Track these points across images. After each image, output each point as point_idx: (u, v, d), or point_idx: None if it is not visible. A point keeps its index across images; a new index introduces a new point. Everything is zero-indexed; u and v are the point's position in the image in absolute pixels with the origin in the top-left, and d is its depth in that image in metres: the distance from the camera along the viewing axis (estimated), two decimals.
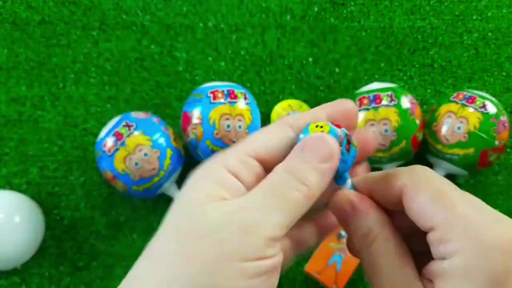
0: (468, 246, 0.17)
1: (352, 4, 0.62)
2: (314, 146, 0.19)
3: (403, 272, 0.19)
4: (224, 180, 0.19)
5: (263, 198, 0.18)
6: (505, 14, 0.62)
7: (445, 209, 0.18)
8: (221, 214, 0.18)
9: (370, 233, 0.20)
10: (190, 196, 0.19)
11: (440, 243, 0.18)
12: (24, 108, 0.56)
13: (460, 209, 0.18)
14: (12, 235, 0.46)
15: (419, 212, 0.18)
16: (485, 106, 0.47)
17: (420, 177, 0.19)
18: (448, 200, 0.18)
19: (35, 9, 0.60)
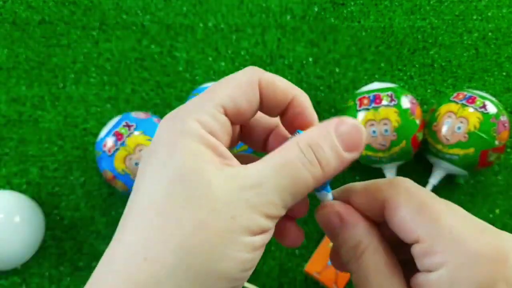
0: (453, 257, 0.17)
1: (352, 4, 0.62)
2: (349, 133, 0.19)
3: (392, 284, 0.19)
4: (208, 141, 0.18)
5: (275, 176, 0.18)
6: (505, 14, 0.62)
7: (428, 222, 0.18)
8: (230, 189, 0.17)
9: (360, 245, 0.20)
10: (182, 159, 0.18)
11: (425, 255, 0.18)
12: (24, 108, 0.56)
13: (444, 220, 0.18)
14: (12, 235, 0.46)
15: (403, 225, 0.19)
16: (485, 106, 0.47)
17: (401, 190, 0.19)
18: (431, 212, 0.18)
19: (35, 9, 0.60)
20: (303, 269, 0.48)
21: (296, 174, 0.18)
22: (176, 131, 0.18)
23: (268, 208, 0.18)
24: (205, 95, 0.20)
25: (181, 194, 0.17)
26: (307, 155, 0.18)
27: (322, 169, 0.18)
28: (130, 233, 0.18)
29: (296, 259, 0.51)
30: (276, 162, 0.18)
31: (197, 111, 0.19)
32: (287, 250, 0.51)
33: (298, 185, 0.18)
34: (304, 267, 0.48)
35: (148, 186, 0.18)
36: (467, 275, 0.17)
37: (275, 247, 0.51)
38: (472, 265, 0.17)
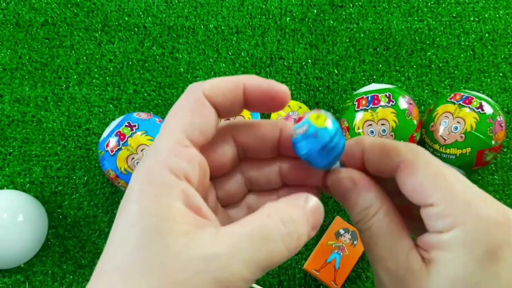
0: (467, 220, 0.18)
1: (350, 6, 0.63)
2: (317, 211, 0.19)
3: (401, 243, 0.20)
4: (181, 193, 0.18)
5: (250, 248, 0.17)
6: (502, 15, 0.62)
7: (444, 187, 0.19)
8: (197, 260, 0.16)
9: (371, 208, 0.21)
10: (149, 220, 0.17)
11: (439, 218, 0.18)
12: (28, 108, 0.56)
13: (458, 187, 0.19)
14: (16, 234, 0.47)
15: (418, 188, 0.19)
16: (482, 107, 0.48)
17: (420, 156, 0.20)
18: (446, 179, 0.19)
19: (38, 11, 0.61)
20: (302, 266, 0.49)
21: (272, 247, 0.17)
22: (144, 183, 0.18)
23: (235, 282, 0.16)
24: (163, 134, 0.19)
25: (146, 261, 0.16)
26: (288, 229, 0.18)
27: (297, 246, 0.18)
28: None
29: (295, 257, 0.51)
30: (252, 232, 0.17)
31: (161, 155, 0.18)
32: None
33: (272, 258, 0.17)
34: (303, 264, 0.49)
35: (116, 249, 0.17)
36: (479, 237, 0.18)
37: None
38: (484, 228, 0.18)
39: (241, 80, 0.20)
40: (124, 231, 0.17)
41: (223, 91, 0.20)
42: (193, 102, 0.19)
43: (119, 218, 0.18)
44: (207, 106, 0.19)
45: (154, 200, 0.17)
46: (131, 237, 0.17)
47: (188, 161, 0.18)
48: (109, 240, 0.18)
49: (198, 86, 0.19)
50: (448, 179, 0.19)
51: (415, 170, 0.19)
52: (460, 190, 0.19)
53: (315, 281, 0.50)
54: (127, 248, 0.17)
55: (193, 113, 0.19)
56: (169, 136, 0.18)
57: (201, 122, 0.19)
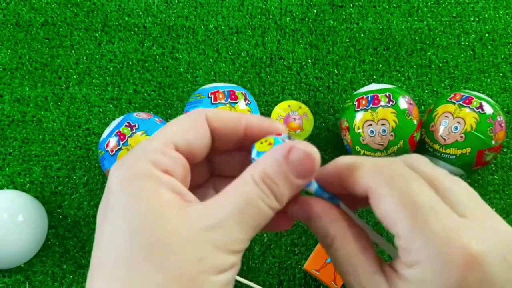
0: (426, 261, 0.17)
1: (350, 6, 0.63)
2: (301, 161, 0.19)
3: (363, 268, 0.19)
4: (163, 179, 0.18)
5: (237, 213, 0.18)
6: (502, 15, 0.62)
7: (407, 219, 0.18)
8: (195, 230, 0.17)
9: (328, 235, 0.21)
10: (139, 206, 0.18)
11: (403, 251, 0.18)
12: (28, 108, 0.56)
13: (422, 217, 0.18)
14: (16, 234, 0.47)
15: (384, 217, 0.19)
16: (482, 107, 0.48)
17: (384, 180, 0.19)
18: (411, 206, 0.18)
19: (38, 11, 0.61)
20: (303, 266, 0.49)
21: (256, 209, 0.18)
22: (128, 176, 0.18)
23: (234, 245, 0.18)
24: (154, 136, 0.20)
25: (146, 245, 0.17)
26: (264, 190, 0.18)
27: (278, 201, 0.19)
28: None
29: (295, 257, 0.51)
30: (236, 199, 0.18)
31: (146, 152, 0.19)
32: (287, 248, 0.52)
33: (259, 219, 0.19)
34: (304, 264, 0.49)
35: (111, 241, 0.17)
36: (438, 281, 0.17)
37: (275, 245, 0.52)
38: (444, 271, 0.17)
39: (245, 116, 0.21)
40: (115, 222, 0.18)
41: (225, 119, 0.21)
42: (193, 120, 0.20)
43: (107, 210, 0.18)
44: (204, 127, 0.21)
45: (142, 189, 0.18)
46: (125, 226, 0.17)
47: (171, 160, 0.19)
48: (99, 233, 0.18)
49: (202, 110, 0.21)
50: (413, 206, 0.18)
51: (379, 198, 0.19)
52: (424, 222, 0.17)
53: (315, 281, 0.50)
54: (123, 237, 0.17)
55: (188, 127, 0.20)
56: (158, 139, 0.20)
57: (192, 138, 0.20)
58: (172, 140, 0.20)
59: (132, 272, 0.17)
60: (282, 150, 0.19)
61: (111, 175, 0.19)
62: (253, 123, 0.21)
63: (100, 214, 0.19)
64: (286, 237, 0.52)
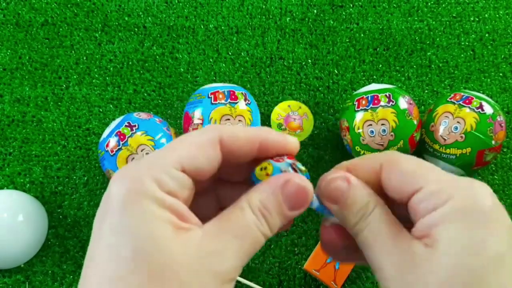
0: (459, 192, 0.19)
1: (350, 6, 0.63)
2: (295, 194, 0.20)
3: (402, 233, 0.20)
4: (166, 202, 0.18)
5: (235, 241, 0.18)
6: (502, 15, 0.62)
7: (427, 171, 0.20)
8: (194, 257, 0.17)
9: (370, 204, 0.21)
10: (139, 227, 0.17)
11: (430, 197, 0.19)
12: (28, 108, 0.56)
13: (438, 171, 0.20)
14: (16, 234, 0.47)
15: (404, 178, 0.20)
16: (482, 107, 0.48)
17: (397, 154, 0.21)
18: (426, 166, 0.20)
19: (38, 11, 0.61)
20: (303, 266, 0.49)
21: (252, 237, 0.19)
22: (131, 194, 0.18)
23: (231, 273, 0.18)
24: (162, 153, 0.19)
25: (147, 269, 0.17)
26: (260, 219, 0.19)
27: (271, 229, 0.20)
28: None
29: (295, 257, 0.51)
30: (234, 227, 0.19)
31: (153, 170, 0.18)
32: (287, 248, 0.52)
33: (255, 246, 0.19)
34: (304, 264, 0.49)
35: (106, 259, 0.17)
36: (472, 207, 0.18)
37: (275, 245, 0.52)
38: (474, 199, 0.18)
39: (260, 134, 0.21)
40: (115, 239, 0.17)
41: (241, 143, 0.21)
42: (205, 141, 0.20)
43: (102, 228, 0.18)
44: (216, 150, 0.20)
45: (145, 212, 0.17)
46: (122, 248, 0.17)
47: (177, 181, 0.19)
48: (95, 246, 0.18)
49: (217, 128, 0.20)
50: (427, 166, 0.20)
51: (397, 164, 0.21)
52: (441, 173, 0.20)
53: (315, 281, 0.50)
54: (122, 257, 0.17)
55: (198, 150, 0.20)
56: (166, 157, 0.19)
57: (201, 161, 0.20)
58: (180, 161, 0.19)
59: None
60: (278, 182, 0.20)
61: (113, 184, 0.18)
62: (267, 141, 0.21)
63: (97, 224, 0.18)
64: (286, 237, 0.52)
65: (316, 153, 0.56)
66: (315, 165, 0.55)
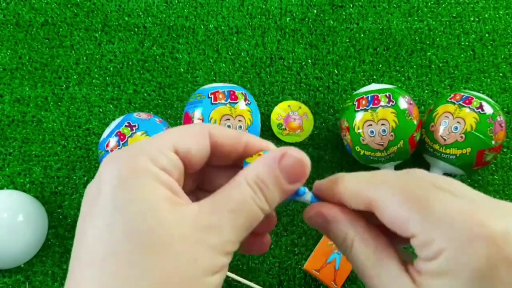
0: (449, 245, 0.17)
1: (350, 6, 0.63)
2: (293, 167, 0.20)
3: (387, 269, 0.19)
4: (161, 177, 0.18)
5: (231, 214, 0.18)
6: (502, 15, 0.62)
7: (417, 213, 0.18)
8: (190, 230, 0.17)
9: (347, 237, 0.21)
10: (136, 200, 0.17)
11: (423, 246, 0.18)
12: (28, 108, 0.56)
13: (432, 206, 0.18)
14: (16, 234, 0.47)
15: (394, 224, 0.19)
16: (482, 107, 0.48)
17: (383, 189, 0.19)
18: (418, 201, 0.18)
19: (38, 11, 0.61)
20: (303, 266, 0.49)
21: (249, 212, 0.19)
22: (126, 171, 0.18)
23: (227, 246, 0.18)
24: (156, 136, 0.20)
25: (141, 240, 0.17)
26: (256, 192, 0.19)
27: (269, 204, 0.20)
28: (90, 283, 0.17)
29: (295, 257, 0.51)
30: (230, 200, 0.19)
31: (147, 149, 0.19)
32: (287, 248, 0.52)
33: (251, 221, 0.19)
34: (304, 264, 0.49)
35: (102, 231, 0.17)
36: (465, 261, 0.17)
37: (275, 245, 0.52)
38: (469, 250, 0.16)
39: (245, 135, 0.22)
40: (109, 216, 0.17)
41: (227, 136, 0.21)
42: (196, 130, 0.21)
43: (97, 203, 0.18)
44: (206, 139, 0.21)
45: (140, 186, 0.18)
46: (120, 221, 0.17)
47: (170, 161, 0.19)
48: (86, 226, 0.18)
49: (206, 124, 0.21)
50: (420, 200, 0.18)
51: (383, 207, 0.19)
52: (436, 209, 0.18)
53: (315, 281, 0.50)
54: (117, 232, 0.17)
55: (190, 135, 0.20)
56: (158, 139, 0.20)
57: (193, 146, 0.20)
58: (173, 142, 0.19)
59: (127, 268, 0.16)
60: (275, 155, 0.20)
61: (104, 167, 0.19)
62: (253, 142, 0.22)
63: (86, 205, 0.18)
64: (286, 237, 0.52)
65: (316, 153, 0.56)
66: (315, 165, 0.55)
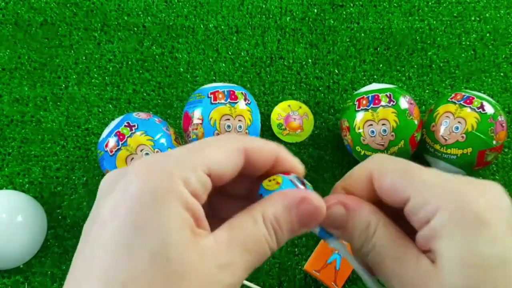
0: (444, 202, 0.18)
1: (351, 5, 0.62)
2: (310, 213, 0.20)
3: (408, 252, 0.20)
4: (191, 205, 0.18)
5: (245, 254, 0.18)
6: (503, 15, 0.62)
7: (413, 179, 0.20)
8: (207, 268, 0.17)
9: (371, 224, 0.21)
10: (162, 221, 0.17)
11: (420, 208, 0.19)
12: (27, 108, 0.56)
13: (426, 176, 0.20)
14: (15, 235, 0.47)
15: (392, 188, 0.20)
16: (483, 107, 0.48)
17: (381, 161, 0.21)
18: (412, 171, 0.20)
19: (37, 10, 0.61)
20: (303, 267, 0.49)
21: (261, 250, 0.19)
22: (159, 186, 0.17)
23: (237, 285, 0.18)
24: (191, 152, 0.19)
25: (163, 269, 0.16)
26: (271, 234, 0.19)
27: (278, 244, 0.20)
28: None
29: (295, 258, 0.51)
30: (246, 240, 0.19)
31: (182, 168, 0.18)
32: (287, 249, 0.51)
33: (261, 259, 0.19)
34: (304, 265, 0.48)
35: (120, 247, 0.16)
36: (462, 215, 0.18)
37: None
38: (463, 204, 0.18)
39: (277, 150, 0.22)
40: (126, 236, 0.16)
41: (264, 156, 0.21)
42: (232, 148, 0.20)
43: (114, 220, 0.17)
44: (241, 157, 0.20)
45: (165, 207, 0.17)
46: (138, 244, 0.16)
47: (202, 184, 0.18)
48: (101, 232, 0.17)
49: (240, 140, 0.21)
50: (414, 170, 0.20)
51: (383, 173, 0.21)
52: (429, 177, 0.19)
53: (315, 282, 0.50)
54: (134, 255, 0.16)
55: (227, 155, 0.20)
56: (195, 157, 0.19)
57: (227, 168, 0.20)
58: (208, 164, 0.19)
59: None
60: (294, 199, 0.20)
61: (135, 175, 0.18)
62: (284, 159, 0.22)
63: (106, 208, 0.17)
64: None
65: (316, 153, 0.55)
66: (316, 165, 0.55)
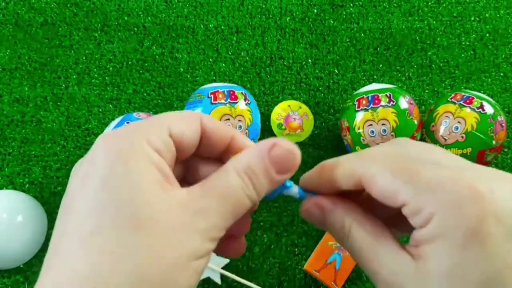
0: (439, 209, 0.17)
1: (351, 5, 0.63)
2: (283, 157, 0.20)
3: (385, 250, 0.19)
4: (155, 160, 0.19)
5: (220, 202, 0.19)
6: (503, 15, 0.62)
7: (405, 182, 0.18)
8: (178, 213, 0.18)
9: (344, 225, 0.21)
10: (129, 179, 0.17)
11: (414, 215, 0.18)
12: (27, 108, 0.56)
13: (418, 174, 0.18)
14: (15, 235, 0.47)
15: (384, 196, 0.19)
16: (483, 107, 0.48)
17: (370, 163, 0.20)
18: (404, 171, 0.19)
19: (37, 11, 0.61)
20: (303, 267, 0.49)
21: (237, 199, 0.19)
22: (123, 146, 0.18)
23: (213, 232, 0.19)
24: (151, 119, 0.20)
25: (130, 218, 0.17)
26: (245, 181, 0.19)
27: (257, 193, 0.20)
28: (76, 258, 0.17)
29: (295, 257, 0.51)
30: (219, 188, 0.19)
31: (143, 129, 0.19)
32: (287, 249, 0.51)
33: (239, 208, 0.19)
34: (304, 265, 0.48)
35: (92, 206, 0.17)
36: (455, 221, 0.17)
37: (275, 246, 0.52)
38: (458, 209, 0.17)
39: (233, 130, 0.22)
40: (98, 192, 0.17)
41: (217, 126, 0.22)
42: (189, 115, 0.21)
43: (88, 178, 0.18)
44: (198, 124, 0.21)
45: (130, 162, 0.18)
46: (108, 197, 0.17)
47: (164, 143, 0.19)
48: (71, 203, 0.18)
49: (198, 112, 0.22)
50: (406, 170, 0.19)
51: (373, 181, 0.19)
52: (421, 176, 0.18)
53: (315, 282, 0.50)
54: (109, 207, 0.17)
55: (184, 120, 0.20)
56: (154, 121, 0.20)
57: (186, 130, 0.20)
58: (168, 125, 0.20)
59: (114, 244, 0.16)
60: (265, 145, 0.20)
61: (100, 143, 0.19)
62: (238, 138, 0.22)
63: (76, 181, 0.18)
64: (286, 237, 0.52)
65: (316, 153, 0.55)
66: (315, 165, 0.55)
